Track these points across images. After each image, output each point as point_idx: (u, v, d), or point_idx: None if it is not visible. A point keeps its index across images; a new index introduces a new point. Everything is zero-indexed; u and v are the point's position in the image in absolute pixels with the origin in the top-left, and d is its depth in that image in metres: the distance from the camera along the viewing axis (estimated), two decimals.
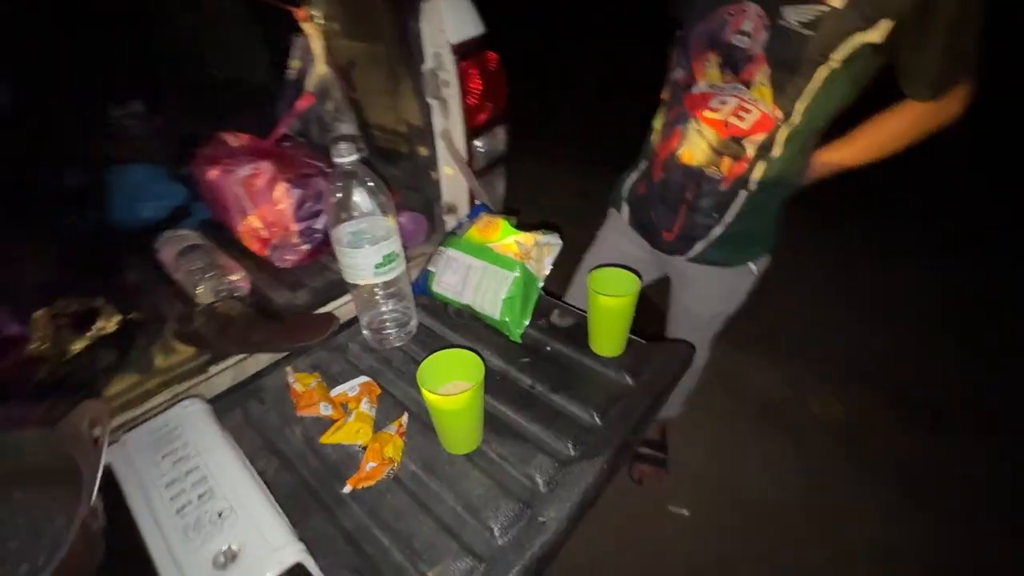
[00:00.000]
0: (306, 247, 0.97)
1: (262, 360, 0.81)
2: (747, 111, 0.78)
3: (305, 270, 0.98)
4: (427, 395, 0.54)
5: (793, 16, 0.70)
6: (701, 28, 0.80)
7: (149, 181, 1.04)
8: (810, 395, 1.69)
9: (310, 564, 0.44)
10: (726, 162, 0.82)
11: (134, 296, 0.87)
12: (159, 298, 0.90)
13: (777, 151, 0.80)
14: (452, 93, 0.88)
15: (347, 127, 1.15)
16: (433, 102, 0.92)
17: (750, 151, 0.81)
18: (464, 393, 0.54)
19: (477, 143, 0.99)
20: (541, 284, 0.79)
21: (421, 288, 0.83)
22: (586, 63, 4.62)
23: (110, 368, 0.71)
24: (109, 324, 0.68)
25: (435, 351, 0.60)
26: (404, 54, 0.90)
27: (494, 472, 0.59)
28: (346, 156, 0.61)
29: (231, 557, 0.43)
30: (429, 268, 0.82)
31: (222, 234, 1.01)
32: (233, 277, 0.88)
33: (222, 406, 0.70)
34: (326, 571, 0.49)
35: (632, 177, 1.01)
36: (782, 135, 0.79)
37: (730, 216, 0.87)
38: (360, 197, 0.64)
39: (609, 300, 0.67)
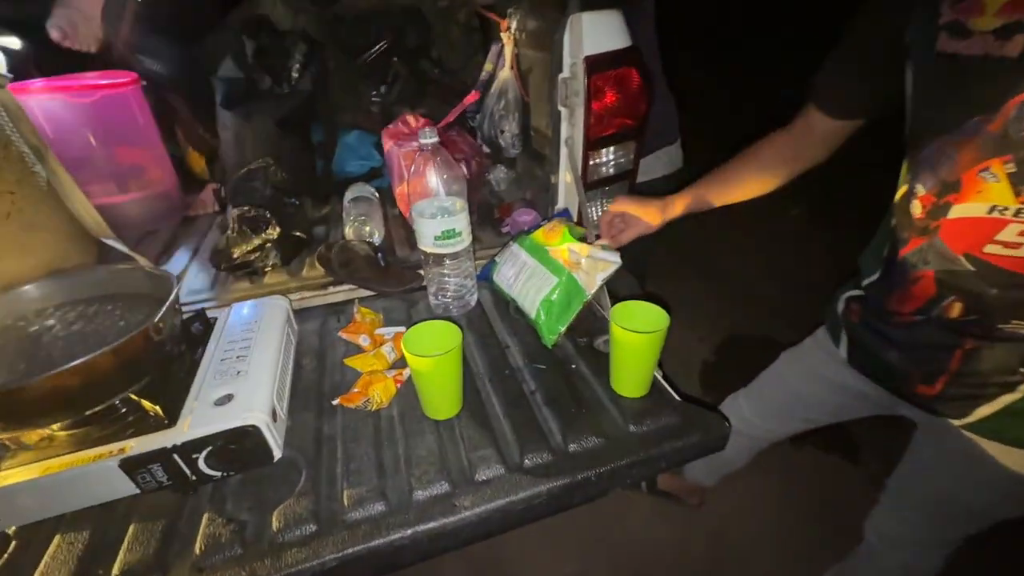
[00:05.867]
0: None
1: (364, 292, 1.00)
2: None
3: None
4: (404, 349, 0.61)
5: None
6: (969, 128, 0.54)
7: (360, 144, 1.37)
8: None
9: (265, 431, 0.57)
10: None
11: (315, 223, 1.19)
12: (327, 228, 1.19)
13: None
14: (579, 102, 0.91)
15: (511, 125, 1.28)
16: (563, 109, 0.96)
17: None
18: (429, 357, 0.59)
19: (603, 155, 0.99)
20: (588, 297, 0.77)
21: (485, 275, 0.90)
22: None
23: (271, 266, 1.00)
24: (274, 233, 0.95)
25: (476, 327, 0.67)
26: (556, 63, 0.97)
27: (446, 445, 0.63)
28: (428, 139, 0.72)
29: (226, 401, 0.58)
30: (496, 259, 0.89)
31: (391, 194, 1.27)
32: (373, 227, 1.10)
33: (317, 313, 0.92)
34: (285, 446, 0.62)
35: (846, 300, 0.78)
36: None
37: None
38: (433, 177, 0.74)
39: (626, 334, 0.62)
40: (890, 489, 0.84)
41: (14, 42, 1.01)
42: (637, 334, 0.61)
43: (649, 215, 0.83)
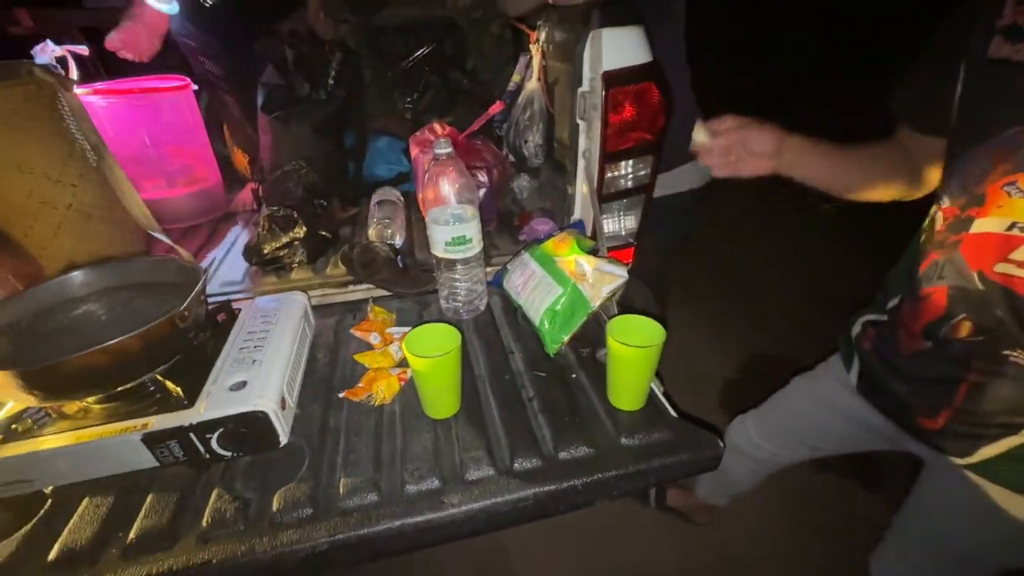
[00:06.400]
0: None
1: (382, 292, 1.04)
2: None
3: None
4: (405, 349, 0.64)
5: None
6: (1006, 138, 0.53)
7: (389, 150, 1.42)
8: None
9: (273, 417, 0.61)
10: None
11: (342, 223, 1.24)
12: (354, 229, 1.25)
13: None
14: (597, 116, 0.92)
15: (534, 136, 1.30)
16: (581, 122, 0.98)
17: None
18: (427, 358, 0.62)
19: (619, 168, 1.00)
20: (592, 309, 0.78)
21: (497, 281, 0.92)
22: None
23: (297, 262, 1.05)
24: (300, 232, 1.01)
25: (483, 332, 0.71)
26: (576, 77, 0.99)
27: (441, 444, 0.66)
28: (442, 149, 0.75)
29: (240, 387, 0.63)
30: (507, 266, 0.91)
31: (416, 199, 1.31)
32: (395, 230, 1.14)
33: (336, 310, 0.96)
34: (292, 433, 0.66)
35: (863, 323, 0.76)
36: None
37: None
38: (446, 186, 0.77)
39: (621, 347, 0.63)
40: (894, 527, 0.81)
41: (83, 49, 1.11)
42: (632, 348, 0.62)
43: (766, 154, 0.74)
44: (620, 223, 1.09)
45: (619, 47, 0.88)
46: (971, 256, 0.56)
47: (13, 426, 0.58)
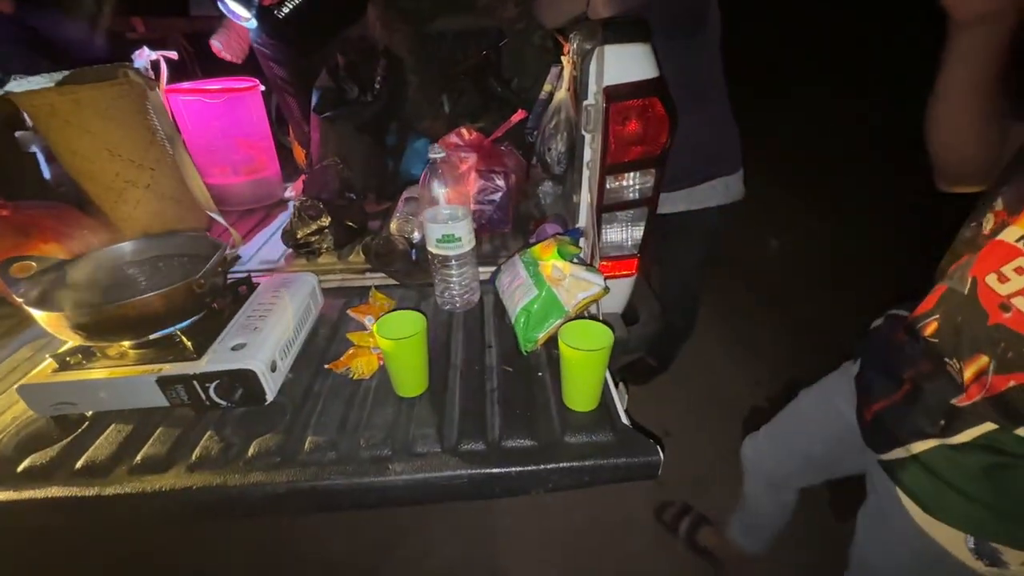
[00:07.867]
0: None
1: (392, 281, 1.14)
2: None
3: None
4: (375, 330, 0.71)
5: None
6: None
7: (425, 151, 1.52)
8: None
9: (261, 376, 0.71)
10: (973, 366, 0.53)
11: (372, 216, 1.36)
12: (383, 222, 1.36)
13: None
14: (599, 128, 0.95)
15: (557, 144, 1.34)
16: (586, 134, 1.01)
17: None
18: (391, 340, 0.69)
19: (620, 180, 1.02)
20: (567, 312, 0.81)
21: (492, 280, 0.98)
22: None
23: (325, 248, 1.18)
24: (325, 221, 1.13)
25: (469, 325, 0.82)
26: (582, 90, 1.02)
27: (399, 419, 0.72)
28: (436, 154, 0.82)
29: (239, 348, 0.74)
30: (501, 266, 0.96)
31: None
32: (415, 225, 1.23)
33: (350, 293, 1.06)
34: (280, 393, 0.76)
35: (887, 316, 0.78)
36: None
37: (962, 438, 0.55)
38: (439, 187, 0.84)
39: (569, 350, 0.67)
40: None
41: (172, 54, 1.31)
42: (578, 351, 0.65)
43: None
44: (625, 233, 1.11)
45: (622, 63, 0.90)
46: (981, 261, 0.56)
47: (68, 359, 0.73)
